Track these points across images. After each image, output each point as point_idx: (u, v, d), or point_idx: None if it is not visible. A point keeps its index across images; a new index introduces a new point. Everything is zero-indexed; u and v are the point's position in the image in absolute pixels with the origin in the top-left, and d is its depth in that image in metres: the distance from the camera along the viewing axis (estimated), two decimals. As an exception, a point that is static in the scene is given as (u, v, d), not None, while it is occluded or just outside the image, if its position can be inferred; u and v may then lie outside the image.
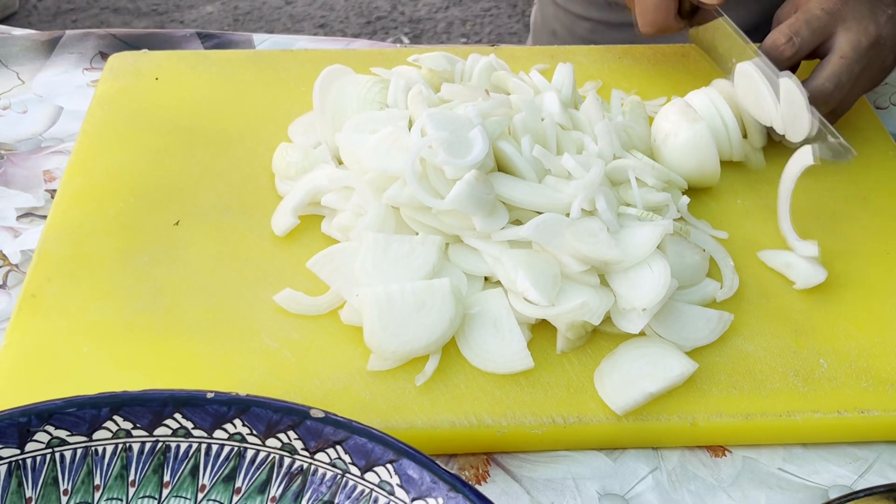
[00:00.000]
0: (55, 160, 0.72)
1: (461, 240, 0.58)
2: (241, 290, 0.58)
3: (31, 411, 0.44)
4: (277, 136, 0.70)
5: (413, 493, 0.43)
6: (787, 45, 0.68)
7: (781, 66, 0.68)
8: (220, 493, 0.46)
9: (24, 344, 0.55)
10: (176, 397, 0.45)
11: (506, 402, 0.52)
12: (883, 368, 0.55)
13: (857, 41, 0.67)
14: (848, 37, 0.68)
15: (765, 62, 0.67)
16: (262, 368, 0.54)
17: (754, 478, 0.52)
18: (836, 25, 0.68)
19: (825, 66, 0.68)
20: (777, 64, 0.68)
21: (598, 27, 0.97)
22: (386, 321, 0.53)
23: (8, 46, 0.83)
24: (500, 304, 0.56)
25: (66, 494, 0.45)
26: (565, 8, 0.99)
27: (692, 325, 0.56)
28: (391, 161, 0.58)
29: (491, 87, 0.68)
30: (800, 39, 0.68)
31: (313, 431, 0.45)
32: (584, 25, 0.98)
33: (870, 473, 0.53)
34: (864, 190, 0.68)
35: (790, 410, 0.53)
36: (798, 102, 0.64)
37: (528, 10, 2.57)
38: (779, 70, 0.66)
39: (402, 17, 2.57)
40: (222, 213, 0.63)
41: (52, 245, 0.60)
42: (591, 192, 0.57)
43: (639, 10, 0.73)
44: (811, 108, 0.65)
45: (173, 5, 2.60)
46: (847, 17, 0.68)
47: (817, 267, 0.60)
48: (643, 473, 0.52)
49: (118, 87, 0.74)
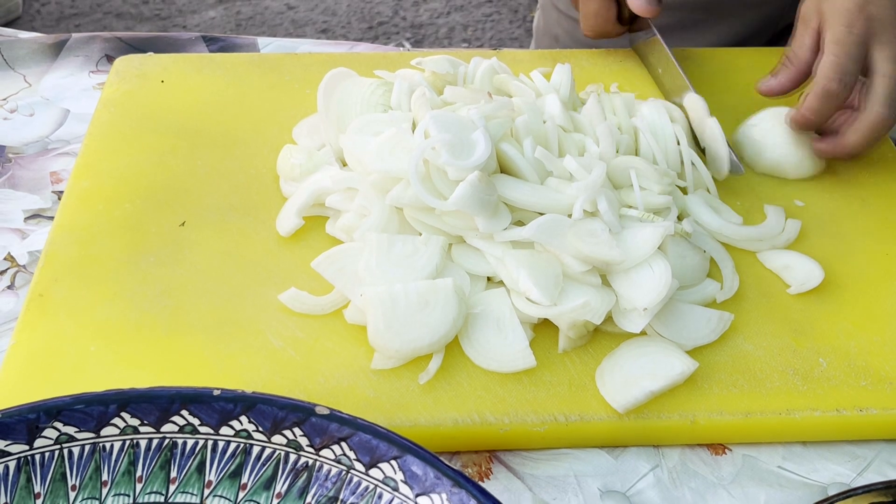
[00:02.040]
0: (62, 162, 0.73)
1: (464, 240, 0.59)
2: (247, 290, 0.59)
3: (40, 408, 0.45)
4: (282, 138, 0.70)
5: (417, 489, 0.44)
6: (841, 88, 0.65)
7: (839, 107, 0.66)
8: (226, 489, 0.46)
9: (32, 343, 0.55)
10: (183, 394, 0.46)
11: (508, 401, 0.53)
12: (882, 367, 0.56)
13: (893, 54, 0.65)
14: (883, 54, 0.65)
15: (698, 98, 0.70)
16: (268, 367, 0.54)
17: (754, 475, 0.53)
18: (869, 45, 0.66)
19: (874, 90, 0.65)
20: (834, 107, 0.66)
21: None
22: (390, 320, 0.54)
23: (15, 49, 0.84)
24: (503, 304, 0.56)
25: (74, 490, 0.45)
26: (567, 14, 1.00)
27: (693, 324, 0.57)
28: (395, 162, 0.58)
29: (493, 90, 0.68)
30: (848, 77, 0.65)
31: (318, 428, 0.45)
32: None
33: (868, 471, 0.53)
34: (863, 191, 0.68)
35: (790, 409, 0.53)
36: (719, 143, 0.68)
37: (529, 15, 2.58)
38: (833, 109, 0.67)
39: (404, 22, 2.58)
40: (227, 215, 0.64)
41: (59, 246, 0.61)
42: (593, 194, 0.58)
43: (582, 15, 0.77)
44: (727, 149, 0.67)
45: (176, 10, 2.61)
46: (877, 31, 0.66)
47: (815, 269, 0.60)
48: (644, 471, 0.53)
49: (124, 90, 0.75)
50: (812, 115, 0.67)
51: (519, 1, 2.66)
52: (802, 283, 0.60)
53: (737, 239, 0.63)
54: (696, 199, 0.64)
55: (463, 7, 2.64)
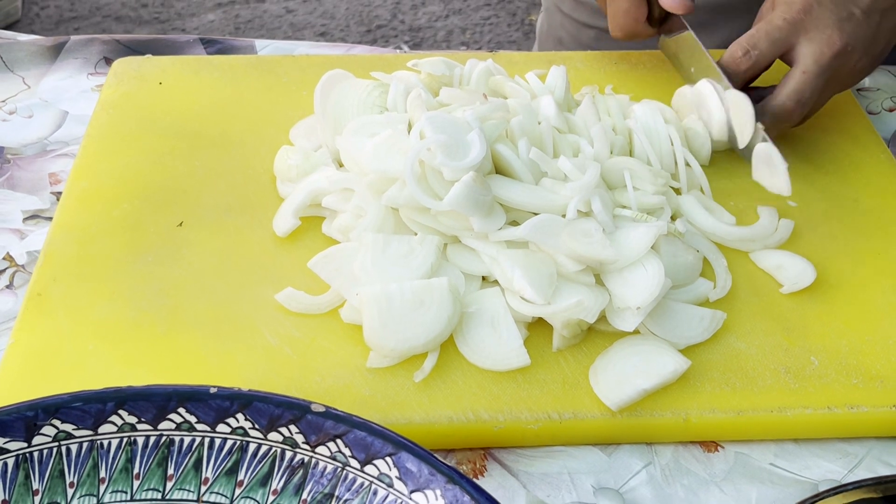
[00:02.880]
0: (60, 163, 0.73)
1: (459, 240, 0.59)
2: (244, 290, 0.59)
3: (38, 405, 0.45)
4: (279, 139, 0.71)
5: (412, 486, 0.44)
6: (744, 58, 0.68)
7: (739, 78, 0.68)
8: (222, 486, 0.47)
9: (31, 342, 0.56)
10: (180, 392, 0.46)
11: (502, 399, 0.53)
12: (872, 365, 0.56)
13: (819, 53, 0.66)
14: (811, 49, 0.66)
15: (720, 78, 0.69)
16: (264, 366, 0.55)
17: (746, 472, 0.53)
18: (797, 36, 0.67)
19: (787, 82, 0.67)
20: (735, 76, 0.68)
21: (602, 35, 0.98)
22: (385, 319, 0.54)
23: (14, 52, 0.84)
24: (498, 303, 0.57)
25: (72, 487, 0.46)
26: (571, 16, 1.00)
27: (685, 323, 0.57)
28: (390, 163, 0.59)
29: (489, 92, 0.69)
30: (757, 52, 0.67)
31: (314, 425, 0.46)
32: (589, 34, 0.99)
33: (859, 469, 0.53)
34: (855, 192, 0.69)
35: (781, 407, 0.54)
36: (745, 113, 0.67)
37: (527, 18, 2.59)
38: (737, 81, 0.68)
39: (403, 25, 2.59)
40: (225, 215, 0.65)
41: (57, 246, 0.62)
42: (587, 194, 0.58)
43: (610, 14, 0.75)
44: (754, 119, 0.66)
45: (175, 14, 2.62)
46: (809, 28, 0.67)
47: (807, 269, 0.61)
48: (637, 468, 0.53)
49: (122, 92, 0.75)
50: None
51: (517, 4, 2.67)
52: (794, 282, 0.60)
53: (730, 239, 0.63)
54: (689, 200, 0.65)
55: (461, 10, 2.64)
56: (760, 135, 0.66)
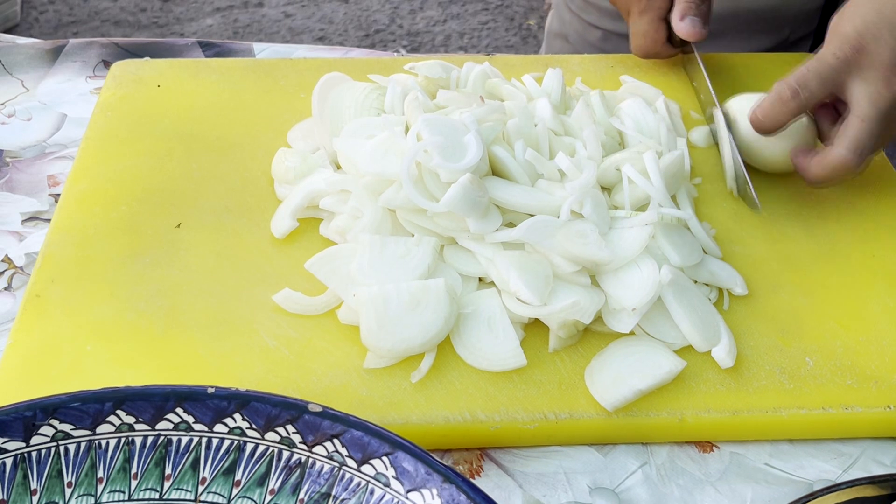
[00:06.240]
0: (59, 165, 0.73)
1: (456, 241, 0.60)
2: (241, 291, 0.60)
3: (37, 405, 0.45)
4: (276, 141, 0.71)
5: (408, 485, 0.44)
6: (793, 100, 0.63)
7: (789, 117, 0.64)
8: (220, 486, 0.47)
9: (29, 343, 0.56)
10: (177, 392, 0.46)
11: (499, 399, 0.54)
12: (867, 366, 0.56)
13: (876, 96, 0.60)
14: (867, 91, 0.61)
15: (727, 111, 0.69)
16: (262, 366, 0.55)
17: (741, 472, 0.53)
18: (849, 74, 0.61)
19: (845, 131, 0.62)
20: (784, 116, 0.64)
21: (609, 36, 0.99)
22: (382, 320, 0.54)
23: (13, 55, 0.85)
24: (494, 304, 0.57)
25: (70, 487, 0.46)
26: (579, 15, 1.01)
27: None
28: (387, 165, 0.59)
29: (485, 94, 0.69)
30: (807, 93, 0.62)
31: (311, 425, 0.46)
32: (596, 34, 1.00)
33: (854, 469, 0.54)
34: (850, 194, 0.69)
35: (776, 407, 0.54)
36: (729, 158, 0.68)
37: (524, 23, 2.59)
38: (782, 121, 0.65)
39: (401, 30, 2.59)
40: (223, 217, 0.65)
41: (56, 247, 0.62)
42: (584, 193, 0.58)
43: (631, 34, 0.78)
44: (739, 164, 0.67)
45: (174, 18, 2.62)
46: (863, 66, 0.61)
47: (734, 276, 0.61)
48: (633, 468, 0.53)
49: (121, 95, 0.76)
50: (762, 116, 0.64)
51: (515, 9, 2.67)
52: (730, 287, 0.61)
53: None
54: (682, 196, 0.65)
55: (459, 15, 2.65)
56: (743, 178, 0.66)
